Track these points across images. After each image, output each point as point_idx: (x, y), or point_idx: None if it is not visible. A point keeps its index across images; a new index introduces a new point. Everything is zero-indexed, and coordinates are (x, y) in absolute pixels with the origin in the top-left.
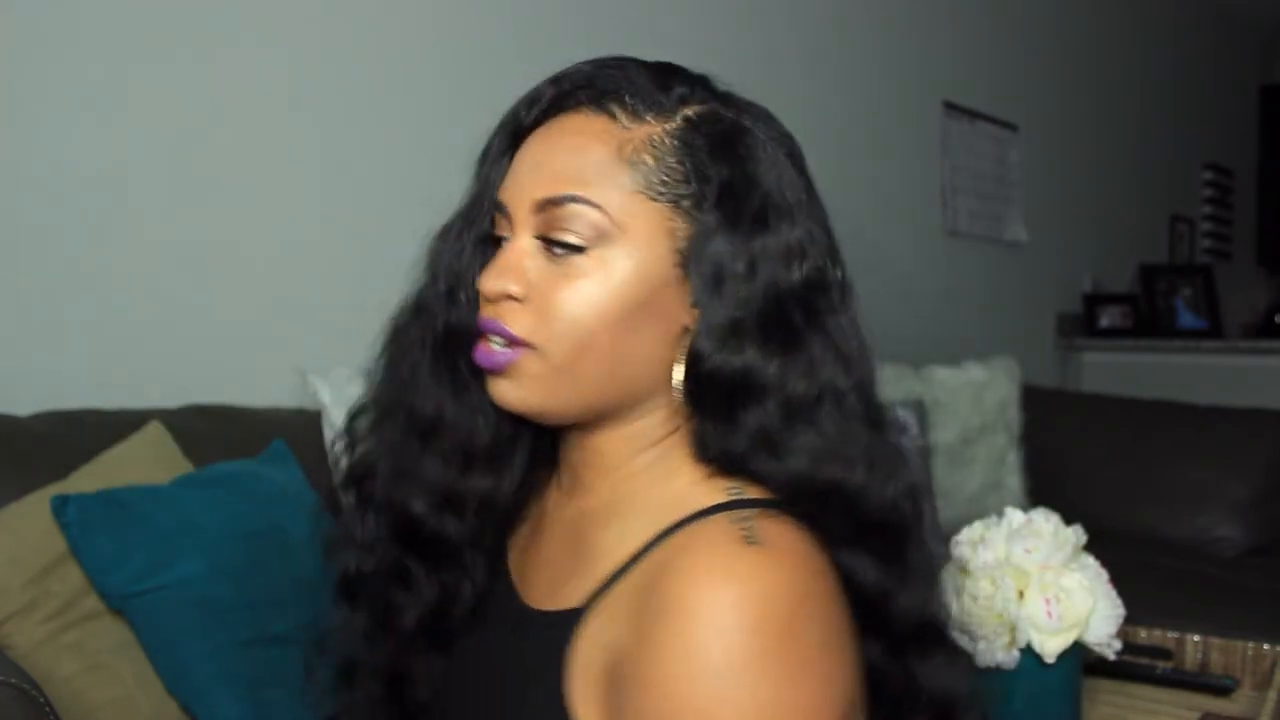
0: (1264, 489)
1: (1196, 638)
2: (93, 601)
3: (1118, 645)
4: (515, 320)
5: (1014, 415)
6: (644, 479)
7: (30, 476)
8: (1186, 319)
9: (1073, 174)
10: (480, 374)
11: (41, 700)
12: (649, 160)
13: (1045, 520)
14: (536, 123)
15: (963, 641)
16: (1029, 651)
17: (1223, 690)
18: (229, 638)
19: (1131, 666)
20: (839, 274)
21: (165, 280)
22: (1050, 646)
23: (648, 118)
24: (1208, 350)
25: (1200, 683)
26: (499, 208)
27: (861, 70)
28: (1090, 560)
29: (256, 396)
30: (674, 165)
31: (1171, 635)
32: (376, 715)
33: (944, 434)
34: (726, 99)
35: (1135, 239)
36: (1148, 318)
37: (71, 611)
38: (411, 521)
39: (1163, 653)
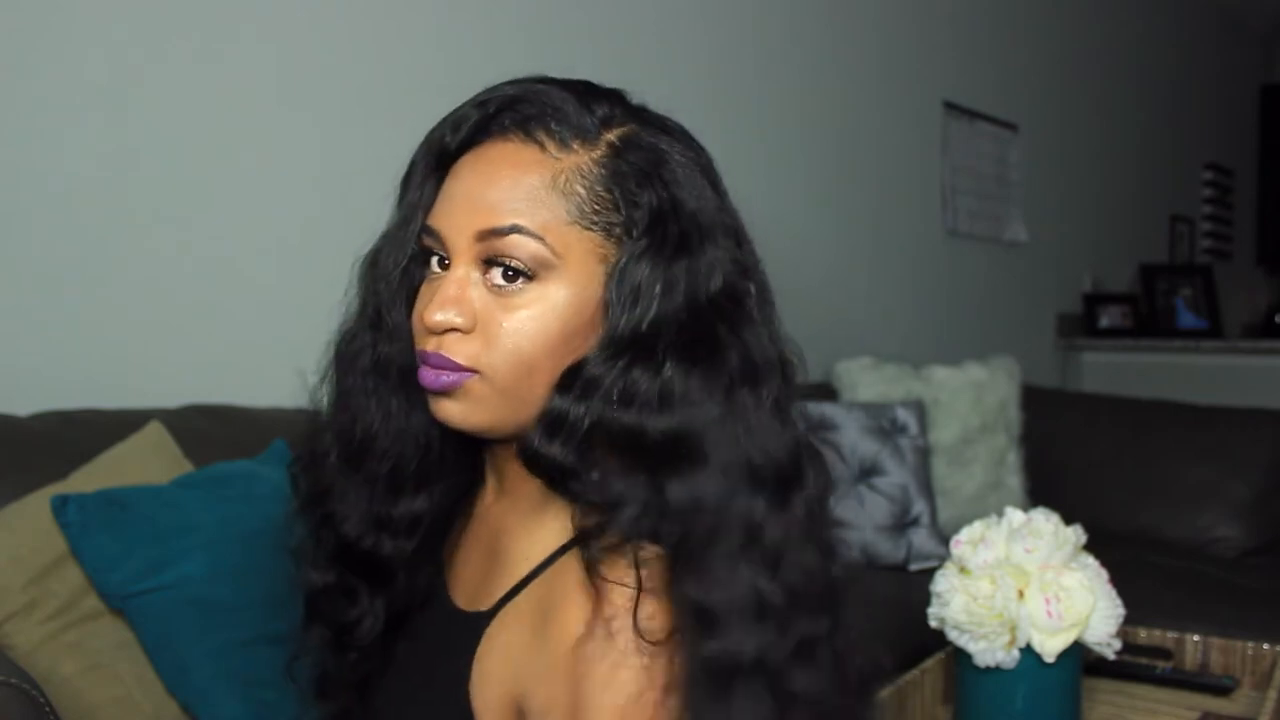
0: (1264, 489)
1: (1196, 638)
2: (93, 601)
3: (1118, 645)
4: (459, 350)
5: (1014, 415)
6: (541, 490)
7: (30, 476)
8: (1186, 319)
9: (1073, 174)
10: (412, 397)
11: (41, 700)
12: (581, 191)
13: (1045, 520)
14: (462, 147)
15: (962, 641)
16: (1029, 651)
17: (1222, 690)
18: (229, 638)
19: (1131, 666)
20: (753, 287)
21: (165, 280)
22: (1050, 646)
23: (575, 146)
24: (1208, 350)
25: (1200, 682)
26: (432, 234)
27: (861, 70)
28: (1090, 560)
29: (256, 396)
30: (603, 194)
31: (1171, 635)
32: None
33: (944, 434)
34: (643, 117)
35: (1135, 239)
36: (1148, 318)
37: (71, 611)
38: (346, 543)
39: (1163, 653)
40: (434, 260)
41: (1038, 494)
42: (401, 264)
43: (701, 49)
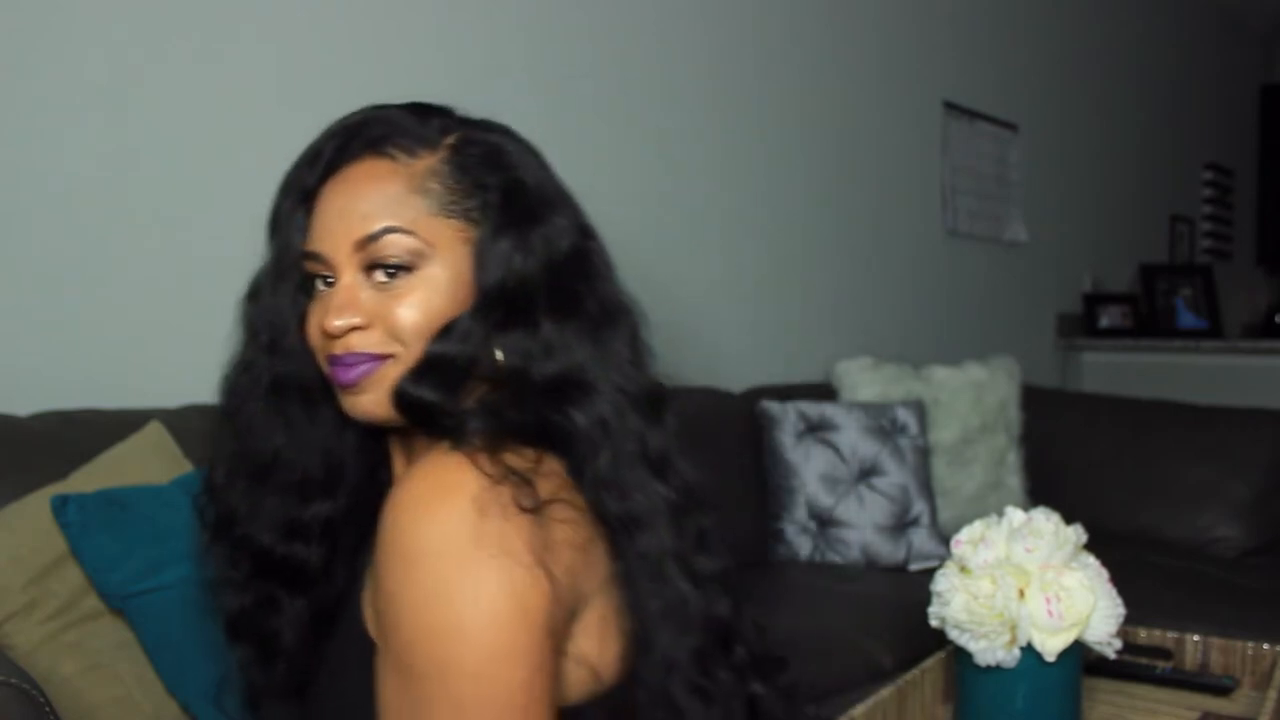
0: (1264, 489)
1: (1196, 638)
2: (93, 601)
3: (1118, 644)
4: (365, 343)
5: (1014, 415)
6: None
7: (30, 476)
8: (1186, 319)
9: (1073, 174)
10: (311, 410)
11: (41, 700)
12: (436, 187)
13: (1046, 519)
14: (321, 178)
15: (963, 640)
16: (1030, 650)
17: (1222, 690)
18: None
19: (1131, 666)
20: (594, 246)
21: (165, 280)
22: (1051, 645)
23: (421, 153)
24: (1208, 350)
25: (1200, 682)
26: (314, 258)
27: (861, 70)
28: (1090, 559)
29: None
30: (456, 186)
31: (1171, 635)
32: None
33: (944, 434)
34: (472, 123)
35: (1135, 239)
36: (1148, 318)
37: (71, 611)
38: (264, 553)
39: (1163, 653)
40: (318, 282)
41: (1038, 494)
42: (289, 292)
43: (701, 49)
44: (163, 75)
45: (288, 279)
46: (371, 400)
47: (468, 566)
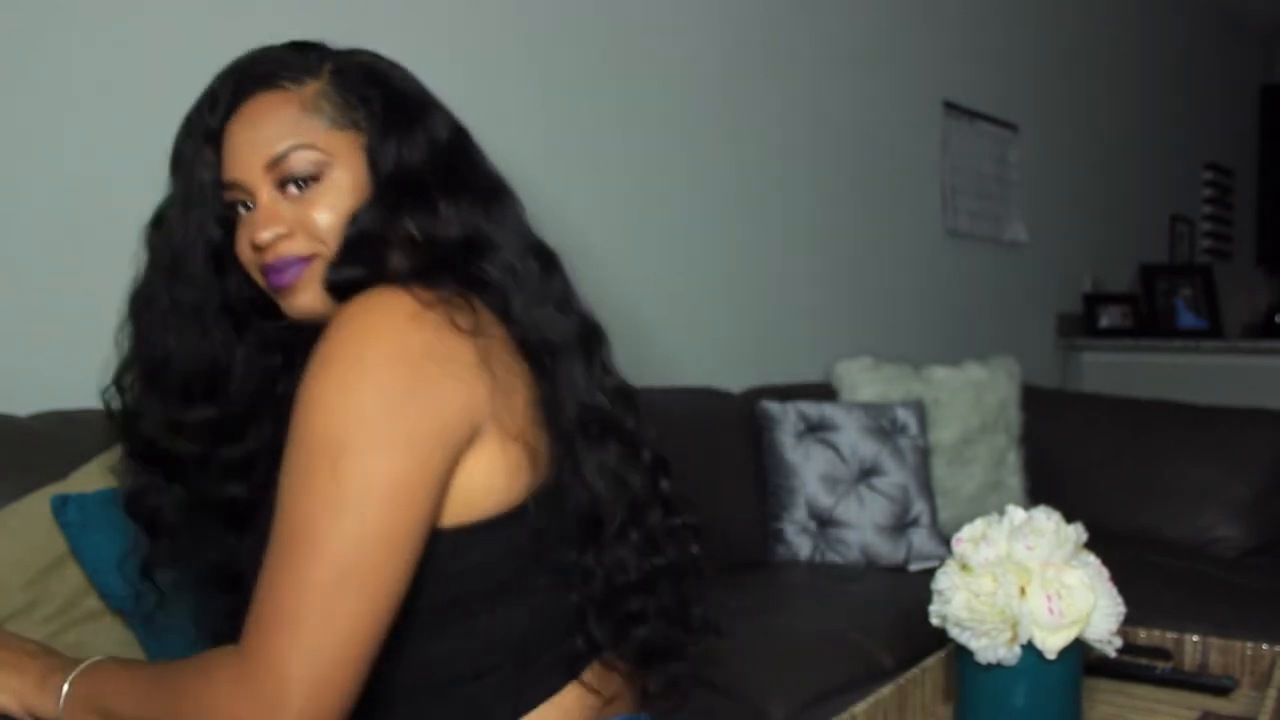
0: (1264, 489)
1: (1196, 638)
2: (93, 601)
3: (1118, 642)
4: (292, 248)
5: (1014, 415)
6: None
7: (30, 476)
8: (1186, 319)
9: (1073, 174)
10: (205, 326)
11: None
12: (325, 105)
13: (1046, 518)
14: (222, 119)
15: (964, 638)
16: (1030, 648)
17: (1222, 690)
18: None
19: (1131, 666)
20: (469, 137)
21: None
22: (1052, 643)
23: (307, 80)
24: (1208, 350)
25: (1199, 682)
26: (232, 186)
27: (861, 70)
28: (1091, 558)
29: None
30: (342, 102)
31: (1171, 635)
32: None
33: (944, 434)
34: (344, 52)
35: (1135, 239)
36: (1148, 318)
37: (71, 611)
38: (149, 445)
39: (1162, 653)
40: (240, 209)
41: (1038, 494)
42: (199, 221)
43: (702, 50)
44: (163, 75)
45: (193, 210)
46: (308, 297)
47: (382, 364)
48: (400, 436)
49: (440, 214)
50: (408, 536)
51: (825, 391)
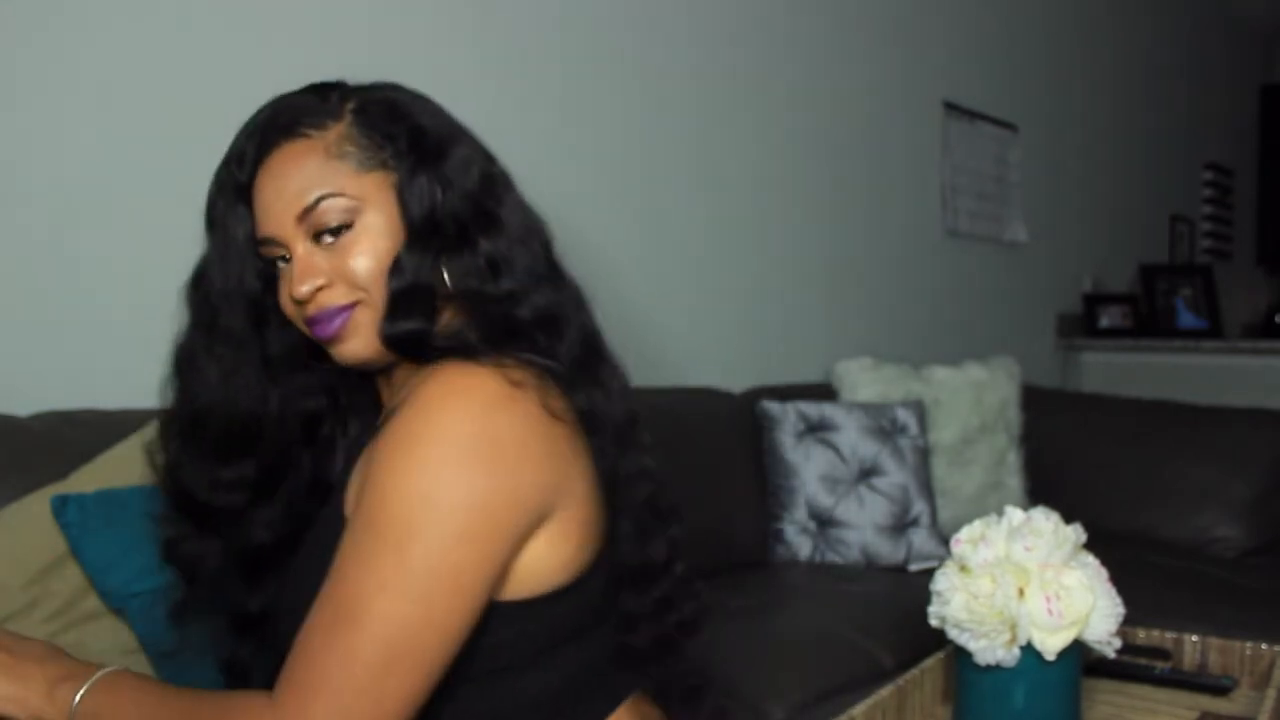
0: (1264, 489)
1: (1195, 638)
2: (93, 601)
3: (1117, 643)
4: (333, 298)
5: (1014, 415)
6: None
7: (30, 476)
8: (1186, 319)
9: (1073, 174)
10: (239, 378)
11: None
12: (350, 149)
13: (1045, 518)
14: (250, 174)
15: (963, 639)
16: (1029, 649)
17: (1221, 690)
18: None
19: (1130, 666)
20: (500, 170)
21: (166, 280)
22: (1051, 644)
23: (329, 124)
24: (1208, 350)
25: (1199, 683)
26: (267, 242)
27: (861, 70)
28: (1090, 558)
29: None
30: (367, 143)
31: (1170, 635)
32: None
33: (944, 434)
34: (364, 88)
35: (1135, 239)
36: (1148, 318)
37: (71, 611)
38: (188, 498)
39: (1161, 653)
40: (278, 263)
41: (1038, 494)
42: (239, 276)
43: (702, 50)
44: (164, 75)
45: (231, 266)
46: (355, 345)
47: (469, 452)
48: (476, 528)
49: (481, 257)
50: (464, 623)
51: (825, 391)
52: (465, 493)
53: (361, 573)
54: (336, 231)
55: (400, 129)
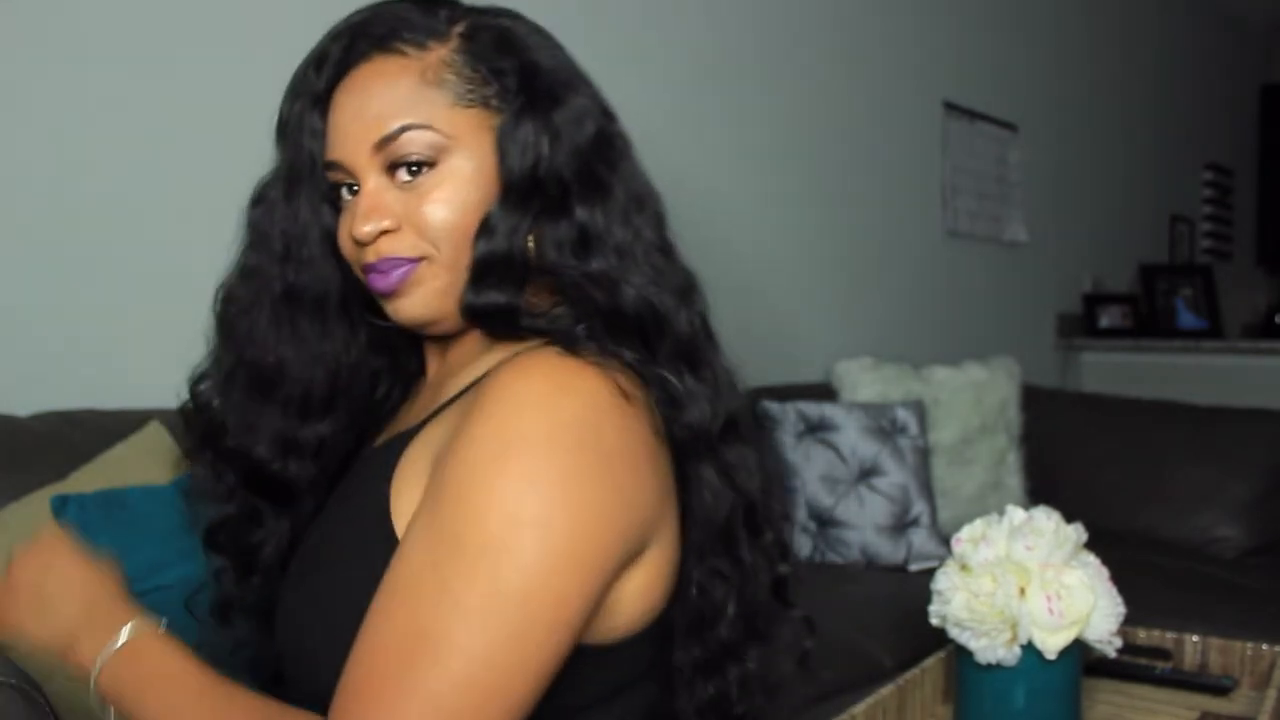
0: (1264, 489)
1: (1195, 638)
2: None
3: (1118, 643)
4: (398, 246)
5: (1014, 415)
6: (491, 345)
7: (30, 476)
8: (1186, 319)
9: (1073, 174)
10: (326, 325)
11: (41, 701)
12: (450, 77)
13: (1046, 518)
14: (330, 82)
15: (964, 638)
16: (1030, 648)
17: (1221, 690)
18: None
19: (1131, 666)
20: (619, 128)
21: (165, 280)
22: (1052, 643)
23: (430, 45)
24: (1208, 350)
25: (1199, 683)
26: (334, 167)
27: (861, 70)
28: (1091, 558)
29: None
30: (470, 74)
31: (1170, 636)
32: (258, 647)
33: (944, 434)
34: (479, 10)
35: (1135, 239)
36: (1148, 318)
37: None
38: (257, 467)
39: (1162, 653)
40: (344, 190)
41: (1038, 494)
42: (307, 199)
43: (702, 49)
44: (164, 74)
45: (303, 186)
46: (413, 302)
47: (574, 465)
48: (582, 554)
49: (574, 228)
50: (557, 664)
51: (825, 391)
52: (572, 511)
53: (439, 595)
54: (416, 169)
55: (511, 64)
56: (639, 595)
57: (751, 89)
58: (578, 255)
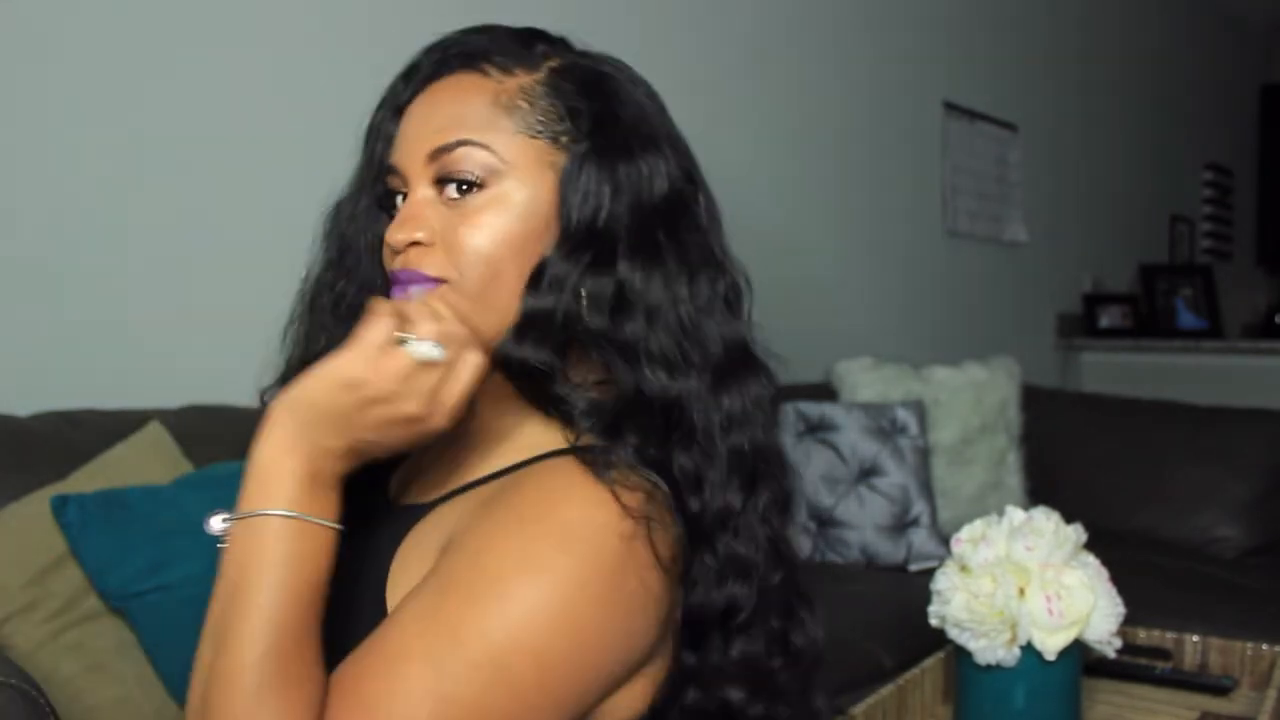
0: (1264, 489)
1: (1195, 638)
2: (93, 601)
3: (1118, 643)
4: (426, 262)
5: (1014, 415)
6: (518, 408)
7: (30, 476)
8: (1186, 319)
9: (1073, 174)
10: None
11: (42, 701)
12: (524, 104)
13: (1046, 518)
14: (415, 92)
15: (963, 639)
16: (1030, 649)
17: (1221, 690)
18: None
19: (1131, 666)
20: (702, 199)
21: (166, 280)
22: (1051, 643)
23: (517, 71)
24: (1208, 350)
25: (1199, 683)
26: (391, 170)
27: (861, 70)
28: (1090, 558)
29: (256, 396)
30: (547, 107)
31: (1170, 635)
32: None
33: (944, 434)
34: (585, 54)
35: (1135, 239)
36: (1148, 318)
37: (71, 611)
38: None
39: (1162, 653)
40: (398, 198)
41: (1038, 494)
42: (365, 205)
43: (702, 50)
44: (164, 74)
45: (366, 192)
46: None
47: (582, 600)
48: (575, 686)
49: (613, 284)
50: None
51: (825, 391)
52: (575, 642)
53: (425, 673)
54: (466, 188)
55: (591, 106)
56: (626, 706)
57: (751, 89)
58: (612, 314)
